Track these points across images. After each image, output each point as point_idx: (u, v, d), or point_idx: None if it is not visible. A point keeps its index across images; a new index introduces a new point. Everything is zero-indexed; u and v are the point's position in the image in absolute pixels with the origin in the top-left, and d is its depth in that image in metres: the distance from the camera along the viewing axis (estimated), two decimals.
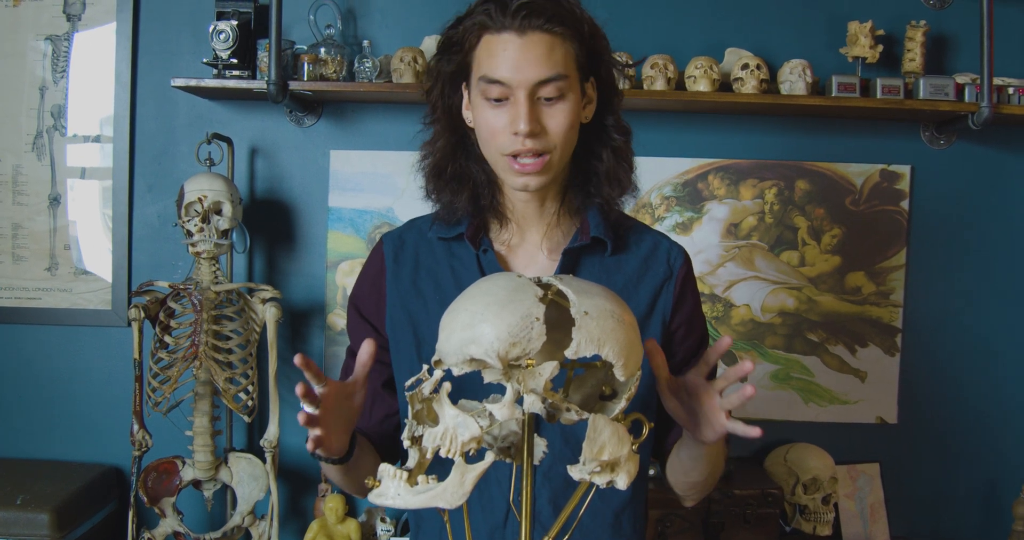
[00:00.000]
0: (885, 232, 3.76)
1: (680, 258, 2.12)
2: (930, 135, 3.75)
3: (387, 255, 2.10)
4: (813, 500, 3.55)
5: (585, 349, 1.47)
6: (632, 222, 2.12)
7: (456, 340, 1.50)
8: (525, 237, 2.08)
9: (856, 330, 3.78)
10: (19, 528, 3.31)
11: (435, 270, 2.07)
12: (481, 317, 1.48)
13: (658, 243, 2.12)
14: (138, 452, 3.43)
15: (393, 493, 1.49)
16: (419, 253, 2.09)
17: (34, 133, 3.74)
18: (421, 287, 2.06)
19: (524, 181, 1.93)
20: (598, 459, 1.53)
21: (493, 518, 2.03)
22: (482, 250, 2.04)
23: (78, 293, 3.77)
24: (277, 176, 3.75)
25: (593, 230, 2.03)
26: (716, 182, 3.72)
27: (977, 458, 3.86)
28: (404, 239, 2.12)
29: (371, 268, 2.13)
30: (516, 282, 1.53)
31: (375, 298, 2.09)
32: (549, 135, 1.89)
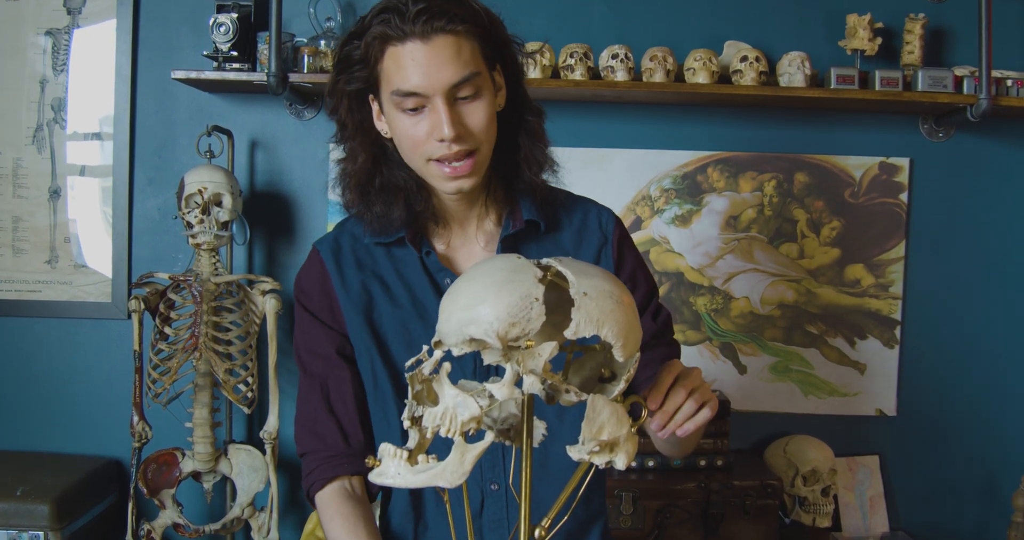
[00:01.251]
0: (884, 224, 3.77)
1: (611, 221, 2.14)
2: (929, 128, 3.75)
3: (327, 261, 2.08)
4: (812, 492, 3.55)
5: (584, 330, 1.47)
6: (560, 195, 2.12)
7: (456, 321, 1.50)
8: (461, 234, 2.09)
9: (855, 322, 3.78)
10: (19, 519, 3.31)
11: (379, 273, 2.06)
12: (481, 298, 1.48)
13: (587, 211, 2.14)
14: (138, 444, 3.43)
15: (393, 472, 1.50)
16: (358, 256, 2.07)
17: (34, 126, 3.74)
18: (370, 289, 2.05)
19: (457, 185, 1.91)
20: (597, 439, 1.53)
21: (470, 506, 2.00)
22: (424, 252, 2.03)
23: (78, 286, 3.77)
24: (277, 169, 3.76)
25: (526, 213, 2.03)
26: (715, 175, 3.73)
27: (977, 450, 3.87)
28: (340, 243, 2.10)
29: (313, 276, 2.10)
30: (515, 263, 1.54)
31: (327, 303, 2.07)
32: (473, 134, 1.88)
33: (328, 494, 2.02)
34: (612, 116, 3.74)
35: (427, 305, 2.01)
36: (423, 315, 2.00)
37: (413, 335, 2.00)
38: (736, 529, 3.36)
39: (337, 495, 2.01)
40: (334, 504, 2.00)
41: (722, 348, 3.77)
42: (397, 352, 2.01)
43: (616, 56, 3.45)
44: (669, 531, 3.34)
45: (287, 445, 3.69)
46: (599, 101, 3.68)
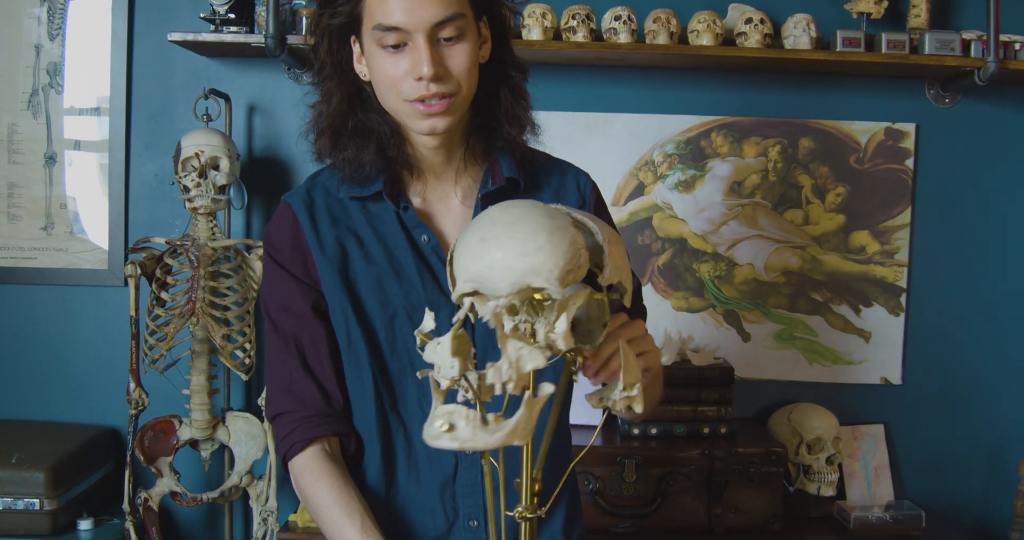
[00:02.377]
0: (890, 191, 3.73)
1: (589, 184, 2.12)
2: (935, 93, 3.72)
3: (300, 215, 2.00)
4: (817, 460, 3.52)
5: (613, 276, 1.50)
6: (539, 156, 2.10)
7: (512, 270, 1.47)
8: (438, 186, 2.04)
9: (860, 289, 3.75)
10: (14, 487, 3.29)
11: (354, 228, 1.99)
12: (536, 245, 1.46)
13: (565, 173, 2.12)
14: (135, 411, 3.40)
15: (470, 436, 1.45)
16: (332, 211, 2.01)
17: (29, 92, 3.71)
18: (344, 244, 1.98)
19: (431, 123, 1.87)
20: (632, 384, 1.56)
21: (443, 472, 1.99)
22: (402, 207, 1.98)
23: (74, 253, 3.73)
24: (275, 133, 3.73)
25: (506, 171, 2.00)
26: (719, 139, 3.69)
27: (983, 419, 3.84)
28: (313, 197, 2.03)
29: (285, 230, 2.02)
30: (548, 209, 1.53)
31: (300, 258, 1.99)
32: (453, 76, 1.84)
33: (309, 456, 1.95)
34: (614, 80, 3.70)
35: (403, 262, 1.96)
36: (399, 272, 1.96)
37: (388, 293, 1.95)
38: (740, 497, 3.33)
39: (319, 457, 1.95)
40: (318, 466, 1.94)
41: (726, 315, 3.74)
42: (372, 310, 1.96)
43: (619, 18, 3.41)
44: (672, 498, 3.31)
45: None
46: (601, 64, 3.64)
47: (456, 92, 1.85)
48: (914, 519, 3.39)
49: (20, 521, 3.30)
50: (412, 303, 1.94)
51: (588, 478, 3.28)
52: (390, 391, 1.97)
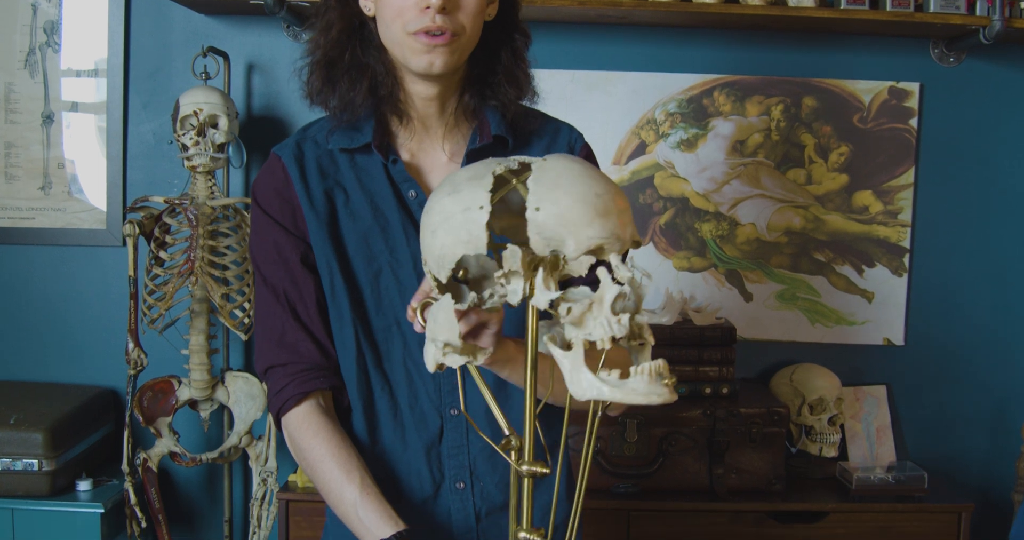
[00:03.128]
0: (893, 150, 3.71)
1: (580, 140, 2.09)
2: (940, 52, 3.69)
3: (289, 167, 1.97)
4: (819, 420, 3.51)
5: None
6: (533, 114, 2.07)
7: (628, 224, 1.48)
8: (428, 141, 2.01)
9: (863, 250, 3.73)
10: (12, 447, 3.28)
11: (342, 182, 1.97)
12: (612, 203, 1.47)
13: (558, 129, 2.09)
14: (133, 371, 3.39)
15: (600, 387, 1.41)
16: (322, 164, 1.98)
17: (26, 50, 3.68)
18: (333, 198, 1.96)
19: (429, 59, 1.83)
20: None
21: (428, 434, 1.97)
22: (391, 160, 1.95)
23: (72, 213, 3.71)
24: (274, 92, 3.70)
25: (494, 128, 1.97)
26: (721, 98, 3.66)
27: (986, 380, 3.83)
28: (303, 150, 1.99)
29: (272, 182, 1.98)
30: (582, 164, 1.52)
31: (290, 210, 1.96)
32: (459, 15, 1.82)
33: (304, 411, 1.93)
34: (616, 38, 3.67)
35: (389, 217, 1.94)
36: (384, 228, 1.94)
37: (373, 249, 1.94)
38: (742, 457, 3.33)
39: (314, 412, 1.93)
40: (315, 421, 1.92)
41: (728, 275, 3.72)
42: (357, 266, 1.94)
43: None
44: (673, 459, 3.30)
45: None
46: (603, 22, 3.61)
47: (460, 32, 1.82)
48: (916, 480, 3.38)
49: (19, 482, 3.29)
50: (397, 259, 1.93)
51: None
52: (374, 348, 1.95)
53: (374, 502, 1.83)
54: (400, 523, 1.80)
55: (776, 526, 3.29)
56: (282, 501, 3.27)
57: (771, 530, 3.29)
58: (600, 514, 3.22)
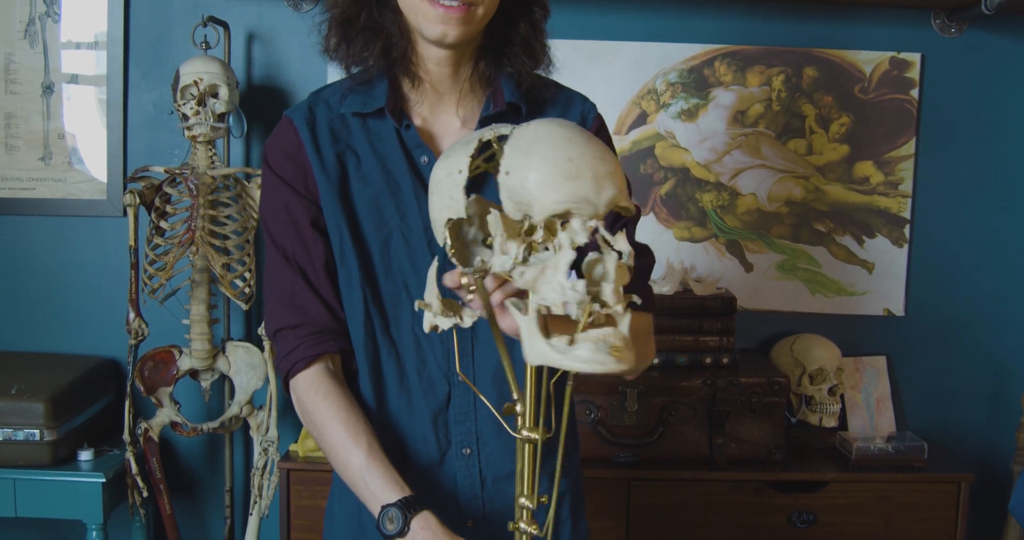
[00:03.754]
0: (894, 121, 3.71)
1: (593, 111, 2.09)
2: (941, 23, 3.68)
3: (301, 131, 1.97)
4: (819, 390, 3.52)
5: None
6: (547, 83, 2.07)
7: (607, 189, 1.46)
8: (440, 106, 2.01)
9: (864, 220, 3.74)
10: (14, 417, 3.28)
11: (354, 146, 1.98)
12: (613, 164, 1.48)
13: (571, 99, 2.09)
14: (134, 341, 3.40)
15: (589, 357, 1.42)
16: (334, 128, 1.98)
17: (26, 21, 3.67)
18: (345, 162, 1.97)
19: (443, 30, 1.83)
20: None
21: (436, 400, 1.98)
22: (404, 125, 1.96)
23: (72, 183, 3.71)
24: (274, 62, 3.69)
25: (508, 95, 1.97)
26: (722, 68, 3.66)
27: (986, 350, 3.84)
28: (315, 113, 2.00)
29: (285, 145, 1.99)
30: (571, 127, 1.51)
31: (301, 174, 1.96)
32: None
33: (313, 374, 1.94)
34: (618, 7, 3.67)
35: (400, 182, 1.94)
36: (395, 193, 1.94)
37: (384, 214, 1.94)
38: (742, 427, 3.33)
39: (323, 375, 1.94)
40: (324, 384, 1.93)
41: (728, 245, 3.72)
42: (367, 230, 1.94)
43: None
44: (674, 428, 3.31)
45: None
46: None
47: (476, 3, 1.82)
48: (916, 450, 3.38)
49: (20, 451, 3.30)
50: (408, 224, 1.93)
51: (590, 407, 3.27)
52: (382, 313, 1.95)
53: (380, 467, 1.83)
54: (406, 488, 1.81)
55: (776, 496, 3.30)
56: (283, 470, 3.27)
57: (771, 499, 3.30)
58: (600, 483, 3.23)
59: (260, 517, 3.49)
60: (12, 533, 3.81)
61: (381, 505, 1.79)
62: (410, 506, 1.77)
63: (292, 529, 3.27)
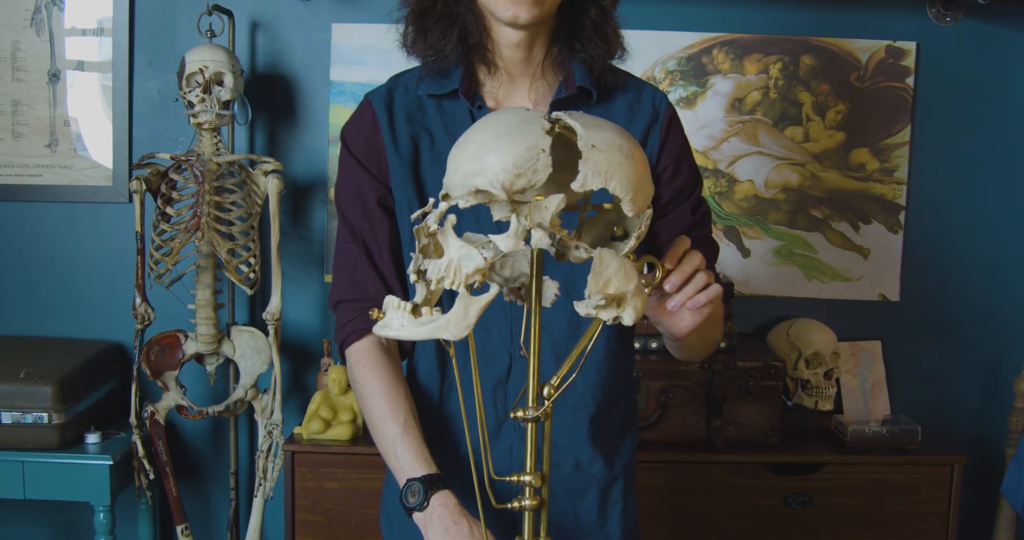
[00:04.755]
0: (890, 109, 3.75)
1: (665, 101, 2.11)
2: (936, 12, 3.72)
3: (379, 112, 2.05)
4: (815, 375, 3.57)
5: (592, 182, 1.46)
6: (618, 72, 2.11)
7: (462, 172, 1.49)
8: (513, 89, 2.06)
9: (860, 207, 3.78)
10: (22, 401, 3.32)
11: (428, 126, 2.05)
12: (487, 148, 1.47)
13: (643, 88, 2.12)
14: (141, 325, 3.44)
15: (397, 324, 1.50)
16: (410, 110, 2.06)
17: (32, 9, 3.70)
18: (418, 142, 2.04)
19: (515, 12, 1.88)
20: (603, 292, 1.53)
21: (496, 372, 2.04)
22: (476, 106, 2.02)
23: (79, 169, 3.75)
24: (278, 50, 3.73)
25: (579, 80, 2.01)
26: (720, 56, 3.70)
27: (979, 336, 3.88)
28: (393, 96, 2.07)
29: (362, 126, 2.08)
30: (525, 115, 1.53)
31: (375, 155, 2.05)
32: None
33: (366, 345, 2.03)
34: None
35: None
36: None
37: None
38: (739, 410, 3.37)
39: (375, 348, 2.02)
40: (373, 356, 2.01)
41: (726, 231, 3.76)
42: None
43: None
44: (672, 411, 3.35)
45: (290, 326, 3.73)
46: None
47: None
48: (909, 433, 3.42)
49: (29, 434, 3.34)
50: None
51: None
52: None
53: (412, 442, 1.91)
54: (433, 466, 1.88)
55: (772, 477, 3.35)
56: (287, 453, 3.32)
57: (767, 481, 3.35)
58: None
59: (265, 499, 3.53)
60: (21, 515, 3.85)
61: (407, 478, 1.86)
62: (433, 483, 1.84)
63: (296, 510, 3.32)
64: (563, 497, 2.09)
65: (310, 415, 3.40)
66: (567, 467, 2.08)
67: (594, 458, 2.10)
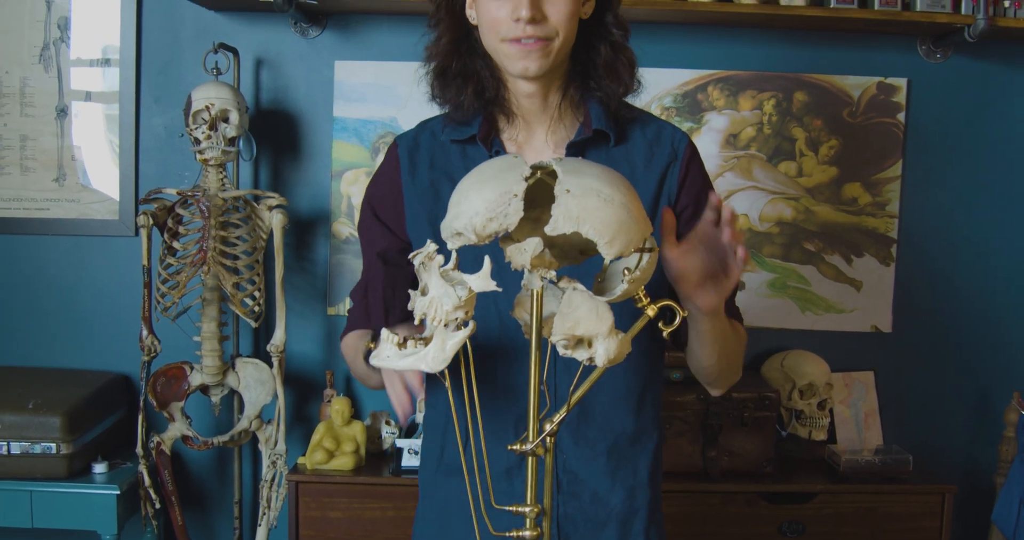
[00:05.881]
0: (881, 144, 3.81)
1: (684, 140, 2.16)
2: (927, 49, 3.79)
3: (402, 157, 2.13)
4: (809, 405, 3.61)
5: (563, 226, 1.52)
6: (635, 112, 2.15)
7: (448, 215, 1.58)
8: (532, 133, 2.11)
9: (852, 240, 3.84)
10: (31, 431, 3.37)
11: (450, 171, 2.09)
12: (466, 194, 1.56)
13: (662, 128, 2.16)
14: (147, 357, 3.49)
15: (384, 355, 1.59)
16: (434, 155, 2.12)
17: (40, 45, 3.77)
18: (438, 188, 2.09)
19: (524, 65, 1.96)
20: (570, 333, 1.59)
21: (518, 407, 2.06)
22: (494, 151, 2.07)
23: (86, 203, 3.81)
24: (282, 87, 3.79)
25: (595, 122, 2.06)
26: (715, 93, 3.76)
27: (970, 366, 3.94)
28: (419, 141, 2.15)
29: (387, 169, 2.16)
30: (509, 162, 1.60)
31: (392, 199, 2.12)
32: (550, 22, 1.93)
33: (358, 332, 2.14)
34: None
35: None
36: None
37: None
38: (734, 440, 3.42)
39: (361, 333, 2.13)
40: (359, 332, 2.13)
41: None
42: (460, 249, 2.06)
43: None
44: (669, 442, 3.38)
45: (293, 358, 3.77)
46: None
47: (552, 37, 1.95)
48: (901, 462, 3.46)
49: (38, 464, 3.39)
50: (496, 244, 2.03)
51: None
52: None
53: None
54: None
55: (767, 506, 3.39)
56: (291, 482, 3.37)
57: (762, 510, 3.39)
58: None
59: (269, 528, 3.56)
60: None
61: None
62: None
63: (300, 539, 3.37)
64: (583, 528, 2.10)
65: (314, 445, 3.45)
66: (586, 498, 2.10)
67: (612, 490, 2.11)
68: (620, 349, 1.62)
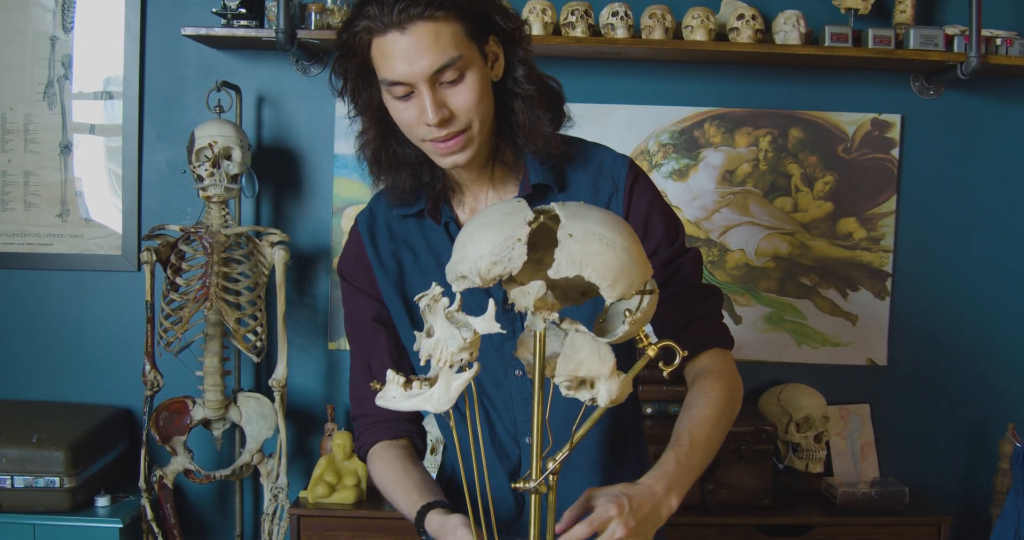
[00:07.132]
0: (876, 179, 3.85)
1: (623, 168, 2.10)
2: (920, 85, 3.83)
3: (362, 232, 2.14)
4: (805, 438, 3.63)
5: (566, 269, 1.53)
6: (573, 149, 2.10)
7: (453, 258, 1.60)
8: (478, 199, 2.11)
9: (847, 274, 3.87)
10: (35, 465, 3.39)
11: (409, 242, 2.11)
12: (471, 237, 1.58)
13: (602, 161, 2.12)
14: (150, 392, 3.51)
15: (390, 396, 1.61)
16: (391, 226, 2.13)
17: (44, 83, 3.81)
18: (400, 257, 2.11)
19: (451, 160, 1.94)
20: (573, 375, 1.62)
21: (509, 464, 2.10)
22: (444, 223, 2.07)
23: (89, 239, 3.84)
24: (284, 124, 3.83)
25: (534, 177, 2.04)
26: (712, 130, 3.80)
27: (965, 399, 3.96)
28: (375, 214, 2.16)
29: (351, 247, 2.17)
30: (512, 206, 1.62)
31: (364, 273, 2.14)
32: (459, 115, 1.89)
33: (377, 450, 2.13)
34: (612, 72, 3.81)
35: None
36: None
37: None
38: (732, 474, 3.43)
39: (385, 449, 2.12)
40: (385, 455, 2.11)
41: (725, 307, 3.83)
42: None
43: (616, 14, 3.53)
44: None
45: (295, 393, 3.80)
46: (599, 58, 3.75)
47: (467, 127, 1.92)
48: (897, 495, 3.48)
49: (41, 498, 3.41)
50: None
51: None
52: None
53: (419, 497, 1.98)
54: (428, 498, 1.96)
55: (764, 539, 3.42)
56: (293, 516, 3.40)
57: None
58: None
59: None
60: None
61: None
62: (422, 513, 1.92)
63: None
64: None
65: (315, 479, 3.48)
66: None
67: None
68: (622, 390, 1.64)
